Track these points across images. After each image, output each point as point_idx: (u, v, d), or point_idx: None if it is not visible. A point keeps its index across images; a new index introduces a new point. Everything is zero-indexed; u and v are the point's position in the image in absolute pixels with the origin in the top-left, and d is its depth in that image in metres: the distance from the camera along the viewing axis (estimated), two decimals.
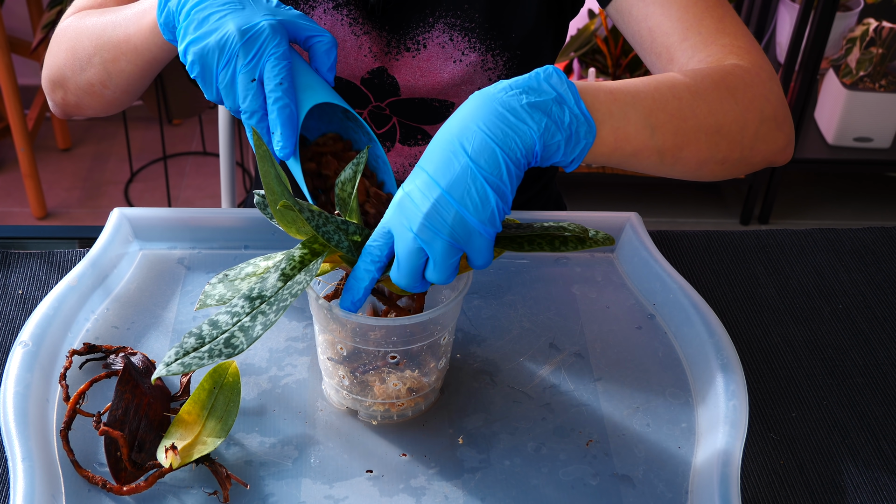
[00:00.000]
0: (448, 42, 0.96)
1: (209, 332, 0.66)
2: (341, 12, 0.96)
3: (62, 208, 2.50)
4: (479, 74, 0.98)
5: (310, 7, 0.96)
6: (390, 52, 0.98)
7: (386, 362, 0.74)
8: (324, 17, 0.96)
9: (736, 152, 0.82)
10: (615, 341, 0.87)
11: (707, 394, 0.80)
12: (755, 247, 1.02)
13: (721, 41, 0.87)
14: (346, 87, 1.02)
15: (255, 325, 0.66)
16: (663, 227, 1.05)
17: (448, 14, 0.96)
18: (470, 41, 0.96)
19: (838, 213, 2.60)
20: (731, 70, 0.84)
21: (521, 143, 0.67)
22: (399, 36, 0.97)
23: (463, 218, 0.66)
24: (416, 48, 0.97)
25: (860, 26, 2.33)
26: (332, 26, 0.97)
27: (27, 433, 0.72)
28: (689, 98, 0.78)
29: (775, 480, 0.77)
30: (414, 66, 0.98)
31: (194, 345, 0.66)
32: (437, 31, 0.96)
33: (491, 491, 0.73)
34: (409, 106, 1.02)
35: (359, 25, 0.96)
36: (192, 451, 0.71)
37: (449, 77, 0.98)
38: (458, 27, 0.96)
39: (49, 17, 2.17)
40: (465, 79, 0.98)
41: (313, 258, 0.69)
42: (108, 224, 0.92)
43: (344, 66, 0.99)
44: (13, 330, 0.86)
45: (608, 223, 0.97)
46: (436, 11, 0.96)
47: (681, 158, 0.79)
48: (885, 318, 0.94)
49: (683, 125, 0.78)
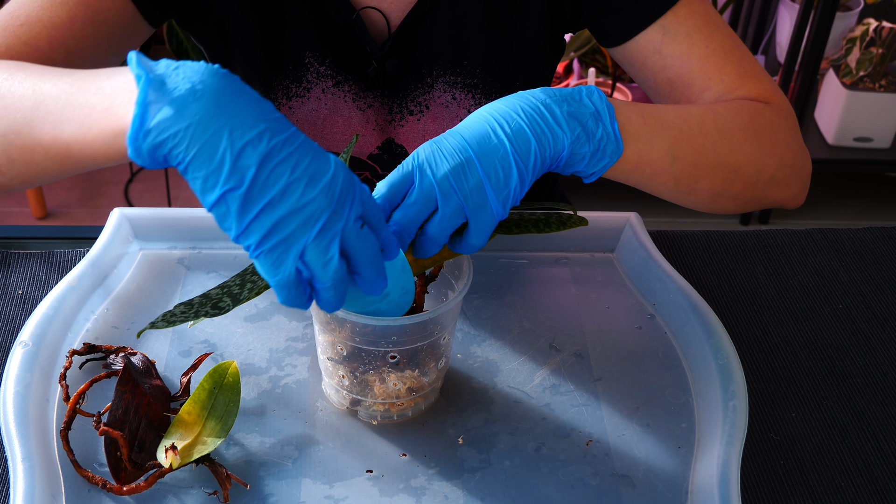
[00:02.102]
0: (451, 101, 0.94)
1: (199, 300, 0.68)
2: (342, 89, 0.93)
3: (62, 208, 2.50)
4: None
5: (304, 90, 0.92)
6: (394, 118, 0.95)
7: (386, 362, 0.74)
8: (323, 97, 0.93)
9: (749, 192, 0.84)
10: (615, 341, 0.87)
11: (707, 394, 0.80)
12: (755, 247, 1.02)
13: (745, 87, 0.87)
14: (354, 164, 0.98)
15: (244, 290, 0.67)
16: (663, 227, 1.05)
17: (447, 73, 0.93)
18: (474, 97, 0.94)
19: (838, 213, 2.60)
20: (760, 112, 0.84)
21: (553, 142, 0.69)
22: (400, 100, 0.95)
23: (483, 187, 0.67)
24: (419, 110, 0.95)
25: (860, 26, 2.33)
26: (334, 105, 0.93)
27: (27, 433, 0.72)
28: (714, 135, 0.80)
29: (775, 480, 0.77)
30: (420, 129, 0.96)
31: (182, 308, 0.67)
32: (437, 90, 0.94)
33: (491, 491, 0.73)
34: None
35: (362, 100, 0.94)
36: (192, 451, 0.71)
37: None
38: (459, 84, 0.94)
39: None
40: None
41: None
42: (108, 224, 0.92)
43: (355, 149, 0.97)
44: (13, 330, 0.86)
45: (608, 223, 0.97)
46: (433, 71, 0.93)
47: (695, 189, 0.81)
48: (885, 318, 0.94)
49: (704, 160, 0.79)
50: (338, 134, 0.95)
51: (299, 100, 0.93)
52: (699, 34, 0.87)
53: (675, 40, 0.87)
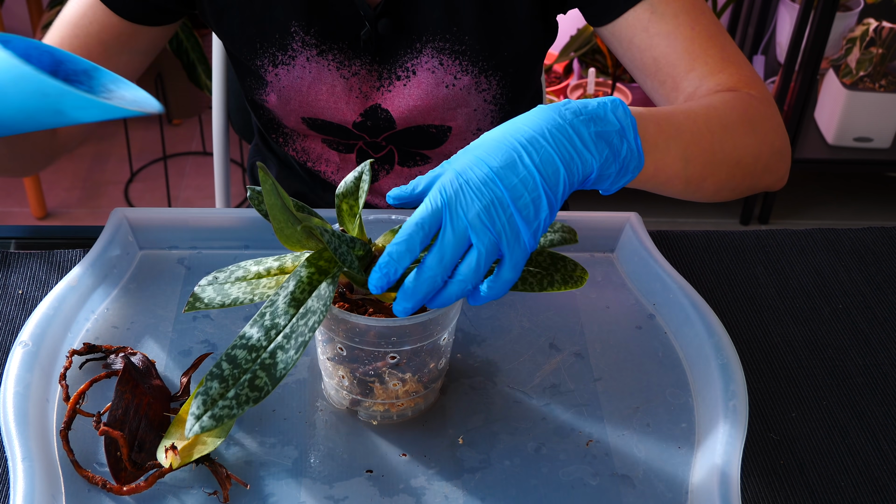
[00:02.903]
0: (438, 67, 0.95)
1: (230, 371, 0.65)
2: (326, 58, 0.94)
3: (62, 208, 2.50)
4: (473, 96, 0.98)
5: (289, 58, 0.94)
6: (382, 84, 0.96)
7: (386, 362, 0.74)
8: (308, 65, 0.94)
9: (748, 181, 0.87)
10: (615, 341, 0.87)
11: (707, 394, 0.80)
12: (755, 247, 1.02)
13: (727, 71, 0.89)
14: (339, 131, 1.00)
15: (277, 362, 0.65)
16: (663, 227, 1.05)
17: (436, 38, 0.94)
18: (461, 64, 0.95)
19: (838, 213, 2.60)
20: (750, 102, 0.87)
21: (581, 168, 0.67)
22: (388, 66, 0.96)
23: (516, 222, 0.65)
24: (406, 75, 0.95)
25: (860, 26, 2.33)
26: (318, 73, 0.95)
27: (27, 433, 0.72)
28: (720, 133, 0.82)
29: (775, 480, 0.77)
30: (406, 94, 0.96)
31: (219, 389, 0.64)
32: (425, 56, 0.95)
33: (491, 491, 0.73)
34: (406, 136, 1.01)
35: (346, 68, 0.95)
36: (192, 451, 0.71)
37: (443, 101, 0.97)
38: (447, 51, 0.94)
39: (49, 17, 2.17)
40: (459, 102, 0.97)
41: (321, 276, 0.69)
42: (108, 224, 0.92)
43: (335, 112, 0.98)
44: (13, 330, 0.86)
45: (608, 223, 0.97)
46: (423, 37, 0.94)
47: (702, 187, 0.83)
48: (885, 318, 0.94)
49: (712, 158, 0.82)
50: (322, 101, 0.97)
51: (285, 67, 0.94)
52: (686, 16, 0.89)
53: (662, 19, 0.89)
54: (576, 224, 0.97)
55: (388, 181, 1.06)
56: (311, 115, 0.98)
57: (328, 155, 1.05)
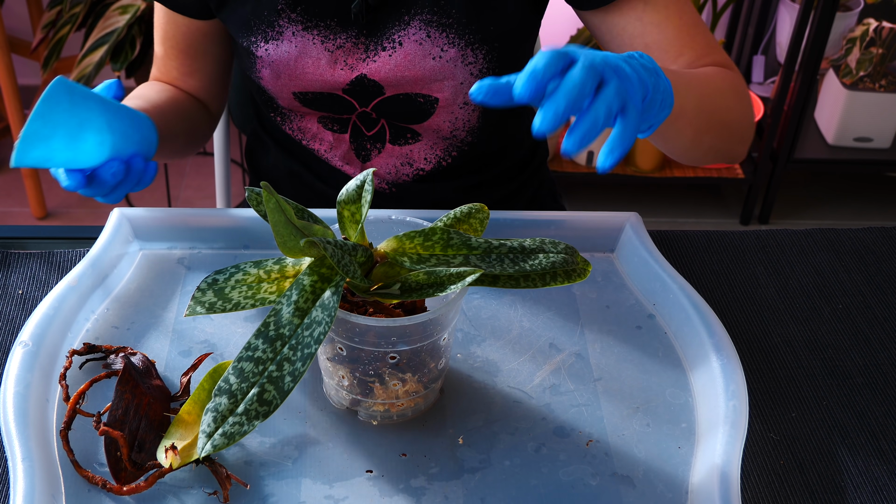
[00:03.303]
0: (426, 39, 0.98)
1: (238, 386, 0.65)
2: (311, 33, 0.99)
3: (62, 208, 2.50)
4: (459, 69, 1.00)
5: (277, 33, 0.99)
6: (368, 55, 0.99)
7: (386, 363, 0.74)
8: (294, 39, 0.99)
9: (729, 145, 0.99)
10: (615, 341, 0.87)
11: (707, 394, 0.80)
12: (755, 247, 1.02)
13: (711, 57, 0.98)
14: (329, 99, 1.03)
15: (284, 374, 0.65)
16: (663, 227, 1.05)
17: (424, 11, 0.97)
18: (448, 37, 0.97)
19: (838, 213, 2.60)
20: (735, 77, 0.98)
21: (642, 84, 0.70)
22: (375, 38, 0.99)
23: (637, 79, 0.69)
24: (392, 46, 0.98)
25: (860, 26, 2.33)
26: (304, 48, 0.99)
27: (27, 433, 0.72)
28: (717, 95, 0.93)
29: (775, 480, 0.77)
30: (392, 63, 0.99)
31: (228, 405, 0.64)
32: (413, 28, 0.97)
33: (491, 491, 0.73)
34: (395, 104, 1.03)
35: (331, 41, 0.99)
36: (192, 451, 0.71)
37: (430, 73, 0.99)
38: (434, 23, 0.97)
39: (49, 17, 2.17)
40: (445, 74, 1.00)
41: (323, 284, 0.69)
42: (108, 224, 0.93)
43: (322, 83, 1.01)
44: (13, 330, 0.86)
45: (608, 223, 0.97)
46: (411, 9, 0.97)
47: (702, 141, 0.93)
48: (885, 318, 0.94)
49: (712, 116, 0.91)
50: (308, 74, 1.01)
51: (274, 42, 1.00)
52: (674, 6, 0.97)
53: (654, 9, 0.96)
54: (576, 224, 0.97)
55: (379, 160, 1.09)
56: (302, 88, 1.02)
57: (323, 135, 1.09)
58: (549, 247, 0.74)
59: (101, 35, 2.11)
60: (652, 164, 2.43)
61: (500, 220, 0.95)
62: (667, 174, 2.45)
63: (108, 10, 2.14)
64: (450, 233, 0.71)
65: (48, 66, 2.19)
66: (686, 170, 2.46)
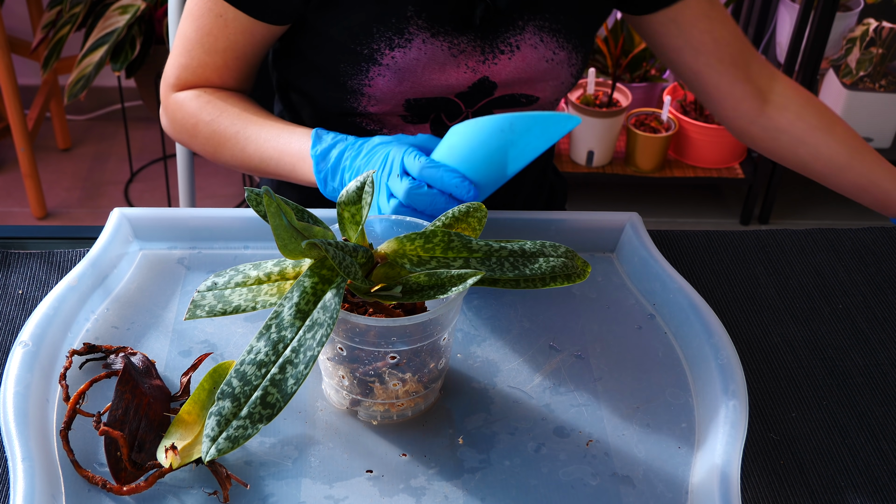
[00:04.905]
0: (539, 43, 1.02)
1: (241, 389, 0.65)
2: (439, 39, 0.99)
3: (62, 208, 2.50)
4: (564, 70, 1.05)
5: (405, 41, 0.98)
6: (486, 58, 1.01)
7: (386, 362, 0.74)
8: (423, 46, 0.99)
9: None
10: (615, 341, 0.87)
11: (707, 394, 0.80)
12: (755, 247, 1.02)
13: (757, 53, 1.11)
14: (441, 103, 1.04)
15: (287, 377, 0.65)
16: (663, 227, 1.05)
17: (536, 17, 1.01)
18: (559, 41, 1.02)
19: (838, 213, 2.60)
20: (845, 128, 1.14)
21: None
22: (490, 42, 1.01)
23: None
24: (510, 50, 1.01)
25: (860, 26, 2.33)
26: (433, 54, 0.99)
27: (27, 433, 0.72)
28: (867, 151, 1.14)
29: (775, 480, 0.77)
30: (512, 66, 1.02)
31: (231, 409, 0.64)
32: (528, 33, 1.01)
33: (491, 491, 0.73)
34: (499, 103, 1.06)
35: (456, 47, 1.00)
36: (192, 451, 0.71)
37: (542, 74, 1.04)
38: (546, 28, 1.01)
39: (49, 17, 2.17)
40: (553, 75, 1.04)
41: (324, 286, 0.69)
42: (108, 224, 0.93)
43: (443, 89, 1.02)
44: (13, 330, 0.86)
45: (608, 223, 0.97)
46: (524, 15, 1.00)
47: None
48: (885, 318, 0.94)
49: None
50: (434, 80, 1.01)
51: (401, 50, 0.98)
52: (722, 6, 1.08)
53: (715, 8, 1.06)
54: (576, 224, 0.97)
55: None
56: (420, 95, 1.02)
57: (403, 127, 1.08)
58: (549, 250, 0.73)
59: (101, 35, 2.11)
60: (652, 164, 2.43)
61: (501, 220, 0.95)
62: (667, 174, 2.45)
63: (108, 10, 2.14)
64: (451, 235, 0.71)
65: (48, 66, 2.19)
66: (686, 170, 2.46)
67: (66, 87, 2.10)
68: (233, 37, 1.01)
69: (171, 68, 1.06)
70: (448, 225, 0.76)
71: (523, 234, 0.95)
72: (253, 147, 1.00)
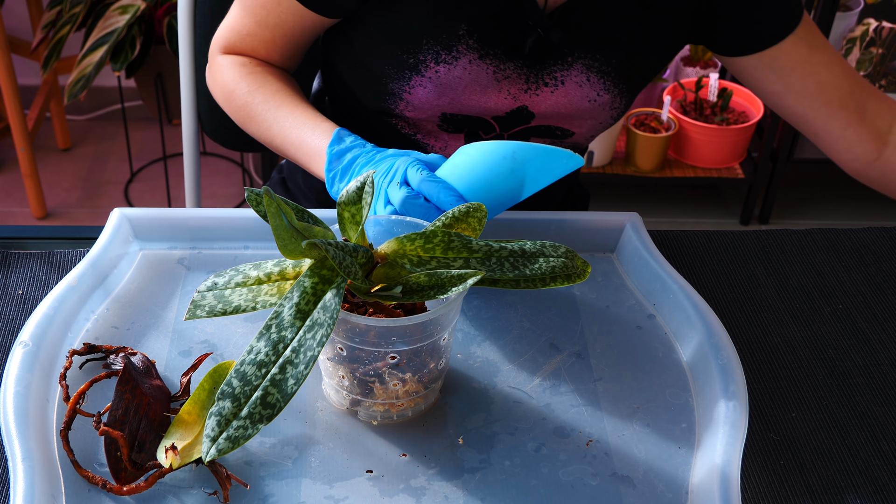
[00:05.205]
0: (585, 82, 1.01)
1: (241, 389, 0.65)
2: (485, 61, 0.99)
3: (62, 208, 2.50)
4: (604, 112, 1.04)
5: (452, 58, 0.98)
6: (529, 88, 1.01)
7: (386, 363, 0.74)
8: (469, 66, 0.99)
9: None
10: (615, 341, 0.87)
11: (707, 394, 0.80)
12: (755, 247, 1.02)
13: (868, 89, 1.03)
14: (475, 121, 1.04)
15: (287, 377, 0.65)
16: (663, 227, 1.05)
17: (587, 56, 1.00)
18: (605, 83, 1.01)
19: (838, 213, 2.60)
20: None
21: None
22: (537, 72, 1.00)
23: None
24: (555, 84, 1.01)
25: (860, 26, 2.33)
26: (477, 75, 0.99)
27: (27, 433, 0.72)
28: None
29: (775, 480, 0.77)
30: (553, 100, 1.02)
31: (232, 409, 0.64)
32: (575, 70, 1.00)
33: (491, 491, 0.73)
34: (534, 132, 1.06)
35: (501, 72, 1.00)
36: (192, 451, 0.71)
37: (582, 112, 1.03)
38: (595, 69, 1.00)
39: (49, 17, 2.17)
40: (593, 115, 1.04)
41: (325, 286, 0.69)
42: (108, 224, 0.93)
43: (481, 110, 1.02)
44: (13, 330, 0.86)
45: (608, 223, 0.97)
46: (575, 52, 0.99)
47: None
48: (885, 318, 0.94)
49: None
50: (473, 100, 1.01)
51: (447, 66, 0.99)
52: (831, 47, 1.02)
53: (819, 51, 1.01)
54: (576, 224, 0.97)
55: None
56: (456, 111, 1.03)
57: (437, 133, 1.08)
58: (549, 250, 0.73)
59: (101, 35, 2.11)
60: (652, 164, 2.43)
61: (501, 221, 0.95)
62: (667, 174, 2.45)
63: (108, 10, 2.14)
64: (451, 235, 0.71)
65: (48, 66, 2.19)
66: (686, 170, 2.46)
67: (66, 87, 2.10)
68: (283, 15, 1.02)
69: (223, 29, 1.08)
70: (448, 225, 0.76)
71: (523, 234, 0.95)
72: (278, 129, 1.02)
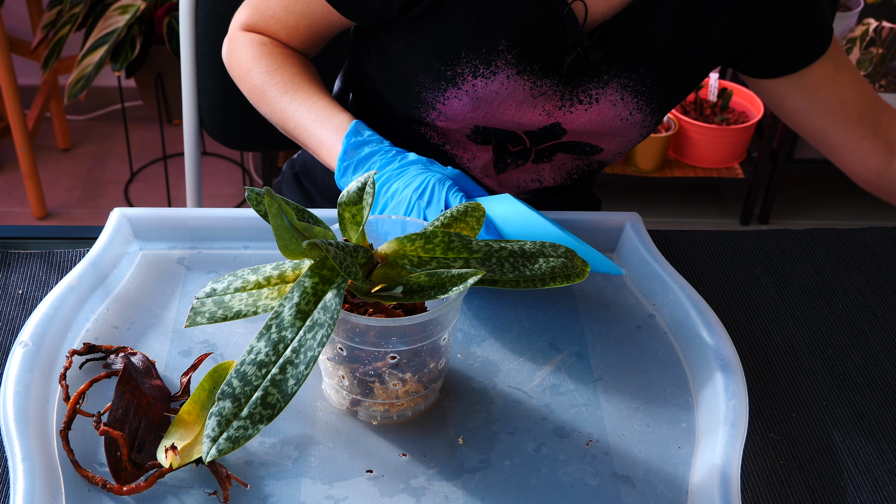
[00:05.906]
0: (619, 101, 1.01)
1: (241, 389, 0.65)
2: (523, 77, 0.99)
3: (62, 208, 2.50)
4: (634, 130, 1.04)
5: (491, 72, 0.98)
6: (564, 104, 1.01)
7: (386, 362, 0.74)
8: (507, 82, 0.99)
9: None
10: (615, 341, 0.87)
11: (707, 394, 0.80)
12: (755, 247, 1.02)
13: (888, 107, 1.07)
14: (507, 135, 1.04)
15: (287, 377, 0.65)
16: (663, 227, 1.05)
17: (623, 75, 1.00)
18: (638, 103, 1.01)
19: (838, 213, 2.60)
20: None
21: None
22: (572, 89, 1.00)
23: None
24: (589, 101, 1.01)
25: (860, 26, 2.33)
26: (513, 91, 1.00)
27: (27, 433, 0.72)
28: None
29: (775, 480, 0.77)
30: (587, 118, 1.02)
31: (232, 409, 0.64)
32: (610, 88, 1.00)
33: (491, 491, 0.73)
34: (564, 147, 1.06)
35: (537, 88, 1.00)
36: (192, 451, 0.71)
37: (613, 130, 1.03)
38: (630, 88, 1.00)
39: (49, 17, 2.17)
40: (624, 133, 1.04)
41: (325, 286, 0.69)
42: (108, 224, 0.93)
43: (514, 124, 1.02)
44: (13, 330, 0.86)
45: (608, 223, 0.97)
46: (611, 70, 1.00)
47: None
48: (885, 318, 0.94)
49: None
50: (508, 116, 1.01)
51: (484, 80, 0.99)
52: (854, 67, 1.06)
53: (843, 70, 1.04)
54: (576, 224, 0.97)
55: (514, 174, 1.10)
56: (489, 124, 1.03)
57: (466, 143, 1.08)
58: (549, 250, 0.74)
59: (101, 35, 2.11)
60: (652, 164, 2.43)
61: None
62: (667, 174, 2.45)
63: (108, 10, 2.14)
64: (451, 235, 0.71)
65: (48, 66, 2.19)
66: (686, 170, 2.46)
67: (66, 87, 2.10)
68: (311, 6, 1.02)
69: (247, 6, 1.07)
70: (446, 224, 0.76)
71: None
72: (292, 112, 1.02)
